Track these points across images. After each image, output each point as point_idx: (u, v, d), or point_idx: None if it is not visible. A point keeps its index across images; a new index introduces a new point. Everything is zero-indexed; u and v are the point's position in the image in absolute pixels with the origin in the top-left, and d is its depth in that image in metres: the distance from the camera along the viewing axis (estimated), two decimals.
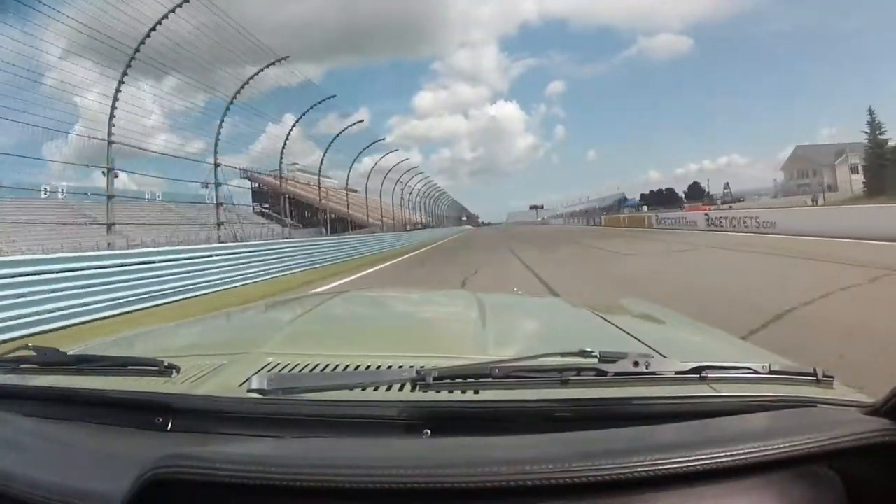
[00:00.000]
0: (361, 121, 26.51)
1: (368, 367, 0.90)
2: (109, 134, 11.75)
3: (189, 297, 9.35)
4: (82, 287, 7.33)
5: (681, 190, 74.86)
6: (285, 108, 20.44)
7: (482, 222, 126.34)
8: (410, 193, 43.64)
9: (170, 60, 13.49)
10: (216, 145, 15.77)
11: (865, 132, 37.65)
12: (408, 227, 40.65)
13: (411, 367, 0.79)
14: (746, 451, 0.55)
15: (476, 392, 0.77)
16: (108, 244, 11.61)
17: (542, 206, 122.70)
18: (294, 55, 21.09)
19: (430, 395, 0.76)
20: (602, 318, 1.45)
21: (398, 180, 36.33)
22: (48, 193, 19.56)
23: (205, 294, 9.91)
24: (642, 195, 77.61)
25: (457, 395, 0.77)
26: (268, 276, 12.63)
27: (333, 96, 21.27)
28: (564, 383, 0.75)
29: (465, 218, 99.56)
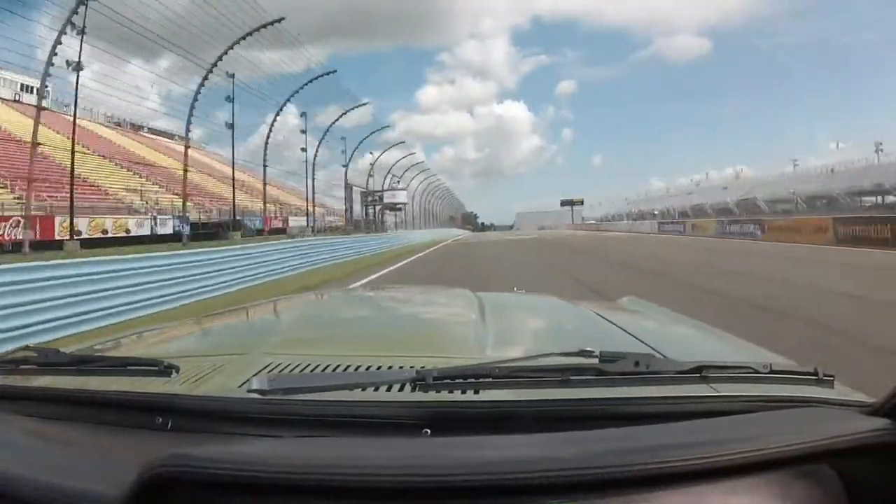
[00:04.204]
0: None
1: (368, 367, 0.90)
2: None
3: None
4: None
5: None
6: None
7: (481, 223, 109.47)
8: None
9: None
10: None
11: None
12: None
13: (411, 366, 0.79)
14: (746, 450, 0.55)
15: (476, 392, 0.77)
16: None
17: (581, 202, 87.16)
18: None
19: (430, 395, 0.75)
20: (602, 317, 1.46)
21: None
22: None
23: None
24: None
25: (457, 395, 0.77)
26: None
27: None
28: (565, 383, 0.75)
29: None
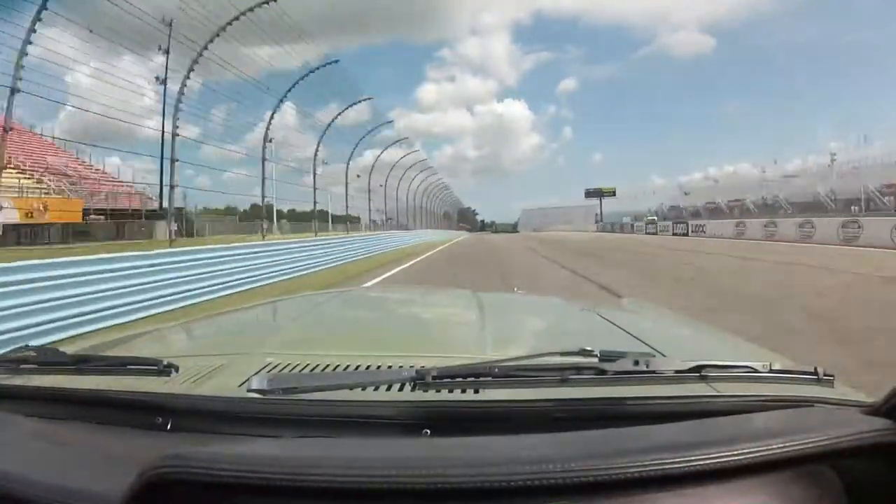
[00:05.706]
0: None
1: (368, 366, 0.90)
2: None
3: None
4: None
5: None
6: None
7: (481, 221, 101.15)
8: None
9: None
10: None
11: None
12: None
13: (411, 366, 0.79)
14: (746, 450, 0.55)
15: (476, 391, 0.77)
16: None
17: (613, 192, 68.23)
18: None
19: (430, 395, 0.75)
20: (602, 317, 1.46)
21: None
22: None
23: None
24: None
25: (456, 395, 0.77)
26: None
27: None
28: (564, 382, 0.75)
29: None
